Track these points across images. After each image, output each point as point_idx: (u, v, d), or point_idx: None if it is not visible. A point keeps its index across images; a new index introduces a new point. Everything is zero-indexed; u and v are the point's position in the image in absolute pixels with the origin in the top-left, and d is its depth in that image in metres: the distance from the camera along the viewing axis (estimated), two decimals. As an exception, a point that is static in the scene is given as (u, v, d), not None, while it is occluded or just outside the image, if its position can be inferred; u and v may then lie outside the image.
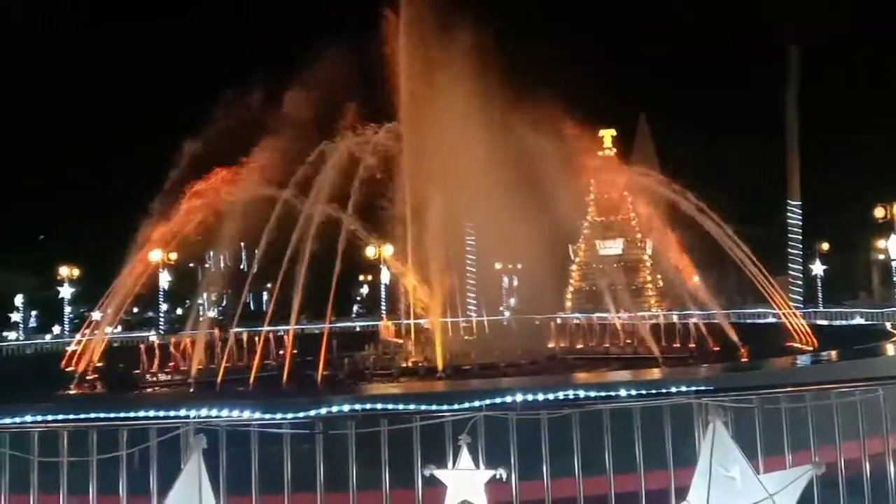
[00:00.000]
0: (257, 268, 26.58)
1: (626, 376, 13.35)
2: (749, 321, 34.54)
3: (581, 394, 8.93)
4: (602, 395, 8.95)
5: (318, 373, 19.84)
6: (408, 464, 8.01)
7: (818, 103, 53.18)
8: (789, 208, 52.54)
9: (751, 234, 27.86)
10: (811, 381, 10.36)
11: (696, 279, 30.66)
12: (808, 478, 6.50)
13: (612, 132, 64.14)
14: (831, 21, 50.86)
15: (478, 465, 7.05)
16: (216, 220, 24.62)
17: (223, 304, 56.28)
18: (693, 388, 9.26)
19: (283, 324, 26.41)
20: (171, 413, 8.80)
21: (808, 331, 25.15)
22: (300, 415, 8.72)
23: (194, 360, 22.23)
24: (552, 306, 40.99)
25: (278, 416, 8.69)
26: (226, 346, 23.39)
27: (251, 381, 19.95)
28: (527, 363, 22.20)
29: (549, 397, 8.84)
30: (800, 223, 52.56)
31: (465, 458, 6.92)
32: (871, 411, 9.13)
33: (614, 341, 26.08)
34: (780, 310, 29.37)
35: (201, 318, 35.55)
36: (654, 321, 28.18)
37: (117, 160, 59.10)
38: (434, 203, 24.75)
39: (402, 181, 25.60)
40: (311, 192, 23.77)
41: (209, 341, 24.29)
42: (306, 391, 15.82)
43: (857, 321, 36.05)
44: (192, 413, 8.85)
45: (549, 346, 26.25)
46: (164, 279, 47.00)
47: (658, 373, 14.67)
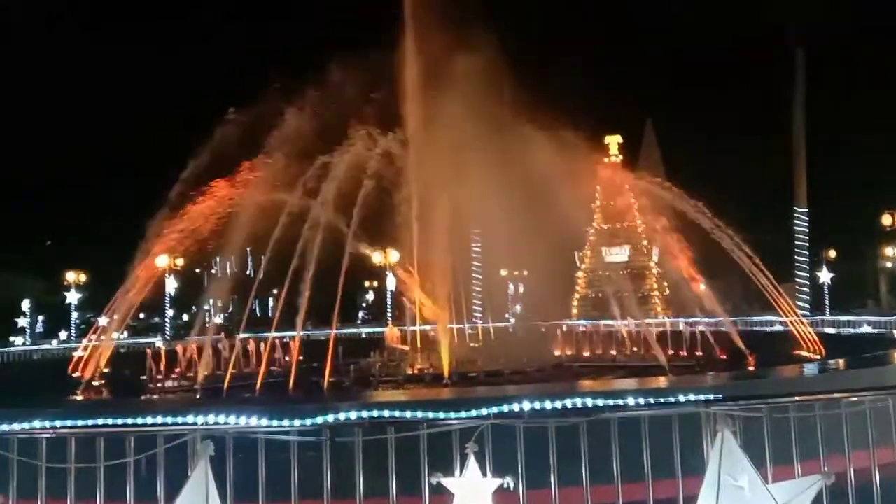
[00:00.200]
0: (263, 274, 26.62)
1: (634, 385, 13.31)
2: (756, 329, 34.41)
3: (589, 402, 8.91)
4: (610, 403, 8.93)
5: (325, 379, 19.83)
6: (415, 472, 8.01)
7: (825, 109, 53.11)
8: (796, 215, 52.38)
9: (758, 241, 27.79)
10: (820, 391, 10.32)
11: (703, 286, 30.55)
12: (818, 488, 6.47)
13: (618, 139, 64.22)
14: (838, 24, 50.83)
15: (485, 474, 7.03)
16: (223, 225, 24.68)
17: (229, 310, 56.41)
18: (701, 397, 9.25)
19: (290, 330, 26.41)
20: (179, 420, 8.82)
21: (815, 339, 25.06)
22: (307, 422, 8.72)
23: (201, 367, 22.23)
24: (558, 313, 40.95)
25: (285, 423, 8.70)
26: (232, 353, 23.39)
27: (258, 387, 19.96)
28: (533, 371, 22.12)
29: (557, 406, 8.82)
30: (807, 230, 52.38)
31: (473, 466, 6.91)
32: (880, 420, 9.08)
33: (621, 349, 25.99)
34: (787, 317, 29.24)
35: (207, 324, 35.57)
36: (661, 329, 28.05)
37: (124, 165, 59.43)
38: (440, 209, 24.77)
39: (408, 187, 25.65)
40: (317, 197, 23.81)
41: (215, 347, 24.29)
42: (313, 398, 15.82)
43: (865, 329, 35.86)
44: (200, 420, 8.86)
45: (556, 354, 26.17)
46: (171, 285, 47.17)
47: (665, 381, 14.62)
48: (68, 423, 9.26)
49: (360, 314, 73.74)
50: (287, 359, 24.18)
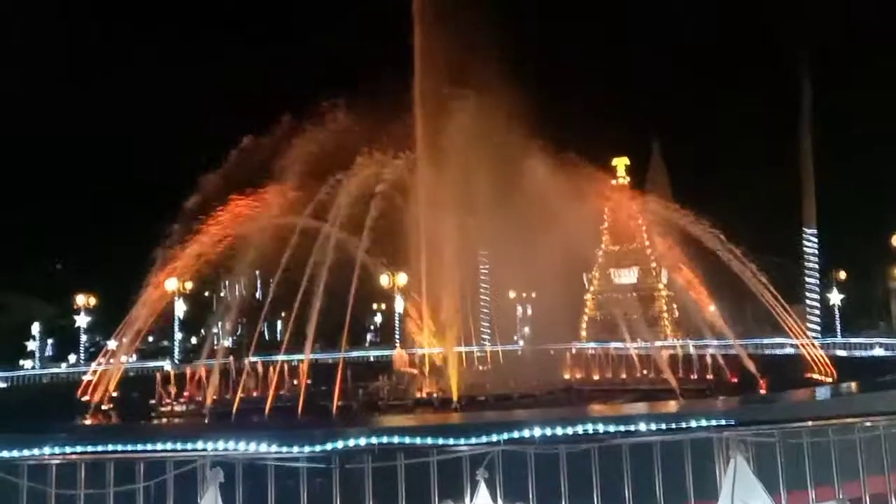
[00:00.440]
0: (272, 297, 26.65)
1: (645, 409, 13.19)
2: (767, 352, 34.17)
3: (600, 428, 8.83)
4: (621, 429, 8.85)
5: (334, 403, 19.76)
6: (425, 498, 7.96)
7: (834, 127, 53.09)
8: (805, 236, 52.13)
9: (767, 262, 27.66)
10: (833, 415, 10.21)
11: (713, 308, 30.42)
12: (834, 515, 6.39)
13: (626, 161, 64.32)
14: (847, 42, 50.89)
15: (496, 500, 6.99)
16: (232, 249, 24.78)
17: (238, 333, 56.40)
18: (713, 423, 9.16)
19: (298, 353, 26.38)
20: (188, 446, 8.78)
21: (827, 361, 24.87)
22: (316, 448, 8.67)
23: (209, 391, 22.20)
24: (567, 336, 40.78)
25: (295, 449, 8.65)
26: (241, 376, 23.37)
27: (267, 411, 19.89)
28: (543, 394, 21.99)
29: (568, 432, 8.74)
30: (816, 251, 52.09)
31: (483, 493, 6.88)
32: (895, 445, 8.98)
33: (631, 372, 25.85)
34: (797, 340, 29.04)
35: (216, 348, 35.59)
36: (671, 351, 27.90)
37: (133, 188, 59.89)
38: (448, 231, 24.82)
39: (416, 210, 25.74)
40: (326, 220, 23.92)
41: (224, 371, 24.28)
42: (322, 423, 15.75)
43: (878, 351, 35.57)
44: (209, 446, 8.82)
45: (565, 377, 26.04)
46: (180, 308, 47.22)
47: (677, 406, 14.50)
48: (78, 448, 9.23)
49: (369, 336, 73.67)
50: (296, 382, 24.14)
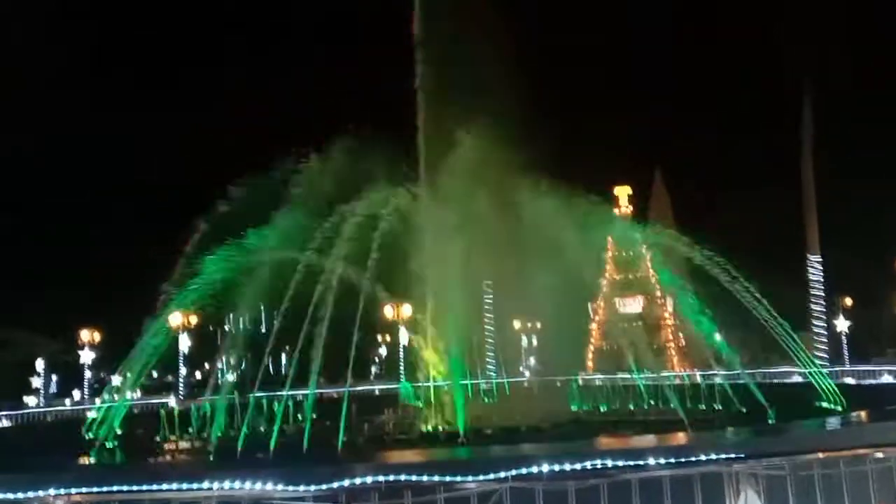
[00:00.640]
0: (277, 330, 26.58)
1: (654, 443, 13.05)
2: (775, 380, 33.92)
3: (609, 463, 8.75)
4: (630, 463, 8.77)
5: (339, 439, 19.59)
6: (433, 537, 7.87)
7: (836, 154, 53.08)
8: (810, 263, 51.91)
9: (772, 290, 27.57)
10: (843, 446, 10.11)
11: (719, 337, 30.27)
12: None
13: (628, 189, 64.50)
14: (848, 69, 51.14)
15: (505, 539, 6.91)
16: (237, 283, 24.78)
17: (243, 368, 56.13)
18: (723, 456, 9.07)
19: (303, 387, 26.26)
20: (194, 485, 8.72)
21: (835, 390, 24.67)
22: (323, 486, 8.61)
23: (214, 427, 22.07)
24: (573, 366, 40.58)
25: (301, 487, 8.59)
26: (246, 412, 23.24)
27: (272, 448, 19.70)
28: (550, 427, 21.78)
29: (577, 467, 8.67)
30: (821, 278, 51.81)
31: (493, 531, 6.80)
32: (908, 478, 8.89)
33: (638, 403, 25.65)
34: (805, 368, 28.81)
35: (221, 383, 35.43)
36: (678, 381, 27.73)
37: (138, 223, 60.14)
38: (452, 262, 24.82)
39: (420, 241, 25.78)
40: (330, 254, 23.93)
41: (229, 406, 24.15)
42: (328, 459, 15.60)
43: (887, 379, 35.26)
44: (215, 485, 8.76)
45: (572, 409, 25.85)
46: (185, 343, 47.09)
47: (685, 438, 14.35)
48: (83, 489, 9.18)
49: (373, 369, 73.25)
50: (300, 417, 24.00)
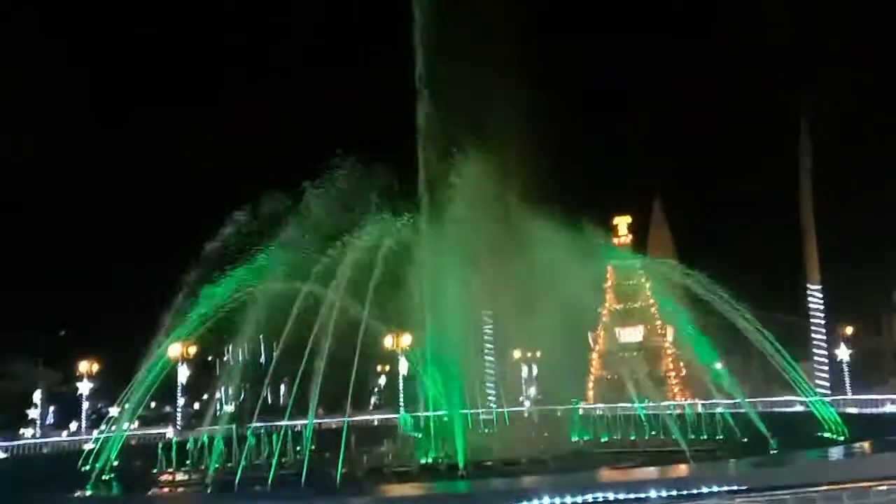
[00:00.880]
0: (276, 361, 26.50)
1: (655, 475, 12.95)
2: (776, 410, 33.74)
3: (610, 496, 8.68)
4: (631, 496, 8.70)
5: (338, 471, 19.43)
6: (434, 573, 7.79)
7: (837, 181, 53.20)
8: (809, 292, 51.93)
9: (772, 319, 27.58)
10: (847, 479, 10.04)
11: (720, 366, 30.20)
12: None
13: (628, 219, 64.55)
14: (849, 96, 51.41)
15: (506, 576, 6.84)
16: (235, 314, 24.76)
17: (241, 399, 55.82)
18: (724, 488, 9.00)
19: (302, 417, 26.10)
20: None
21: (837, 419, 24.57)
22: (322, 522, 8.53)
23: (212, 459, 21.89)
24: (574, 396, 40.33)
25: (300, 523, 8.51)
26: (244, 443, 23.06)
27: (270, 480, 19.53)
28: (551, 459, 21.57)
29: (578, 500, 8.59)
30: (822, 307, 51.83)
31: (494, 568, 6.73)
32: (912, 511, 8.81)
33: (639, 433, 25.49)
34: (806, 397, 28.71)
35: (219, 414, 35.21)
36: (679, 411, 27.59)
37: (135, 253, 60.03)
38: (451, 293, 24.83)
39: (420, 271, 25.80)
40: (330, 283, 23.95)
41: (227, 438, 23.97)
42: (327, 492, 15.47)
43: (889, 408, 35.08)
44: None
45: (573, 440, 25.68)
46: (183, 373, 46.82)
47: (687, 470, 14.26)
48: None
49: (373, 399, 72.75)
50: (299, 448, 23.82)
